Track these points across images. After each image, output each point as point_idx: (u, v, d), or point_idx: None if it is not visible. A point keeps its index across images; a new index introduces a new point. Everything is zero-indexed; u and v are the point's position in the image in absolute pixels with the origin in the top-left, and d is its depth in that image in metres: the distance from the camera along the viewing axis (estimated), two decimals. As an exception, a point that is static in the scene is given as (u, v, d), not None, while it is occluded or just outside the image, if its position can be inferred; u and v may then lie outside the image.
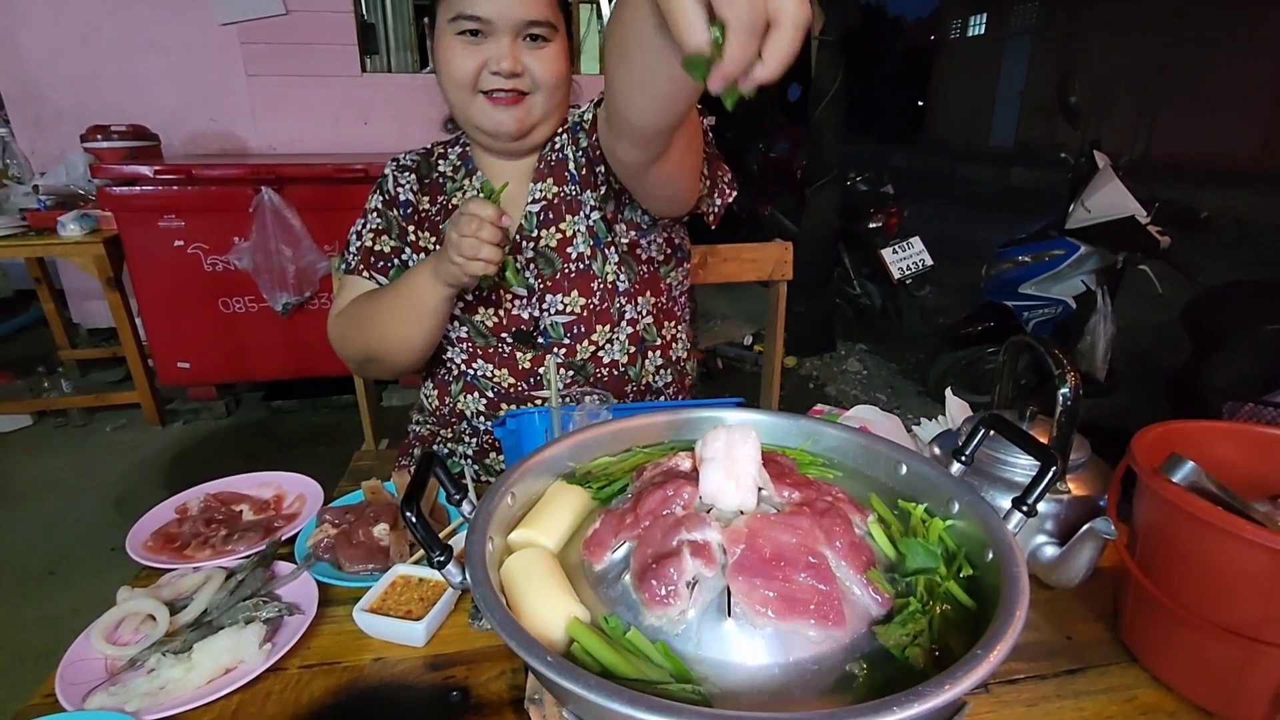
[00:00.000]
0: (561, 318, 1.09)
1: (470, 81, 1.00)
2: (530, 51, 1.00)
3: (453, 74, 1.01)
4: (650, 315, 1.15)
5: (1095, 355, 3.10)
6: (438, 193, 1.16)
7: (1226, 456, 0.74)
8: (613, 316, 1.11)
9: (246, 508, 0.98)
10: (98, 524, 2.48)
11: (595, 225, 1.09)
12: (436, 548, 0.51)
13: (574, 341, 1.10)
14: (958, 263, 4.89)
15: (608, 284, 1.10)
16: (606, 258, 1.10)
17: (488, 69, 0.99)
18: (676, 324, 1.22)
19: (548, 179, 1.11)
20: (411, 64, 4.83)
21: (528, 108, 1.03)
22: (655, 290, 1.16)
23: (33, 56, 3.57)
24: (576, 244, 1.09)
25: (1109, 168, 3.04)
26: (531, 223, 1.11)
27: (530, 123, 1.04)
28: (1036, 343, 0.81)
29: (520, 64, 0.99)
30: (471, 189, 1.15)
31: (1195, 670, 0.66)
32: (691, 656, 0.47)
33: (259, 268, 2.92)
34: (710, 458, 0.56)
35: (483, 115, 1.03)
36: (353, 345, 1.12)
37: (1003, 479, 0.80)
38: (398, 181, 1.17)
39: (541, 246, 1.10)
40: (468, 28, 0.97)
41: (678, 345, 1.22)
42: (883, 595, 0.51)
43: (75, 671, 0.68)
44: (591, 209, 1.09)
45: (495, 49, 0.98)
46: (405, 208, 1.16)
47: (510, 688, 0.67)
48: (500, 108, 1.02)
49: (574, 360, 1.11)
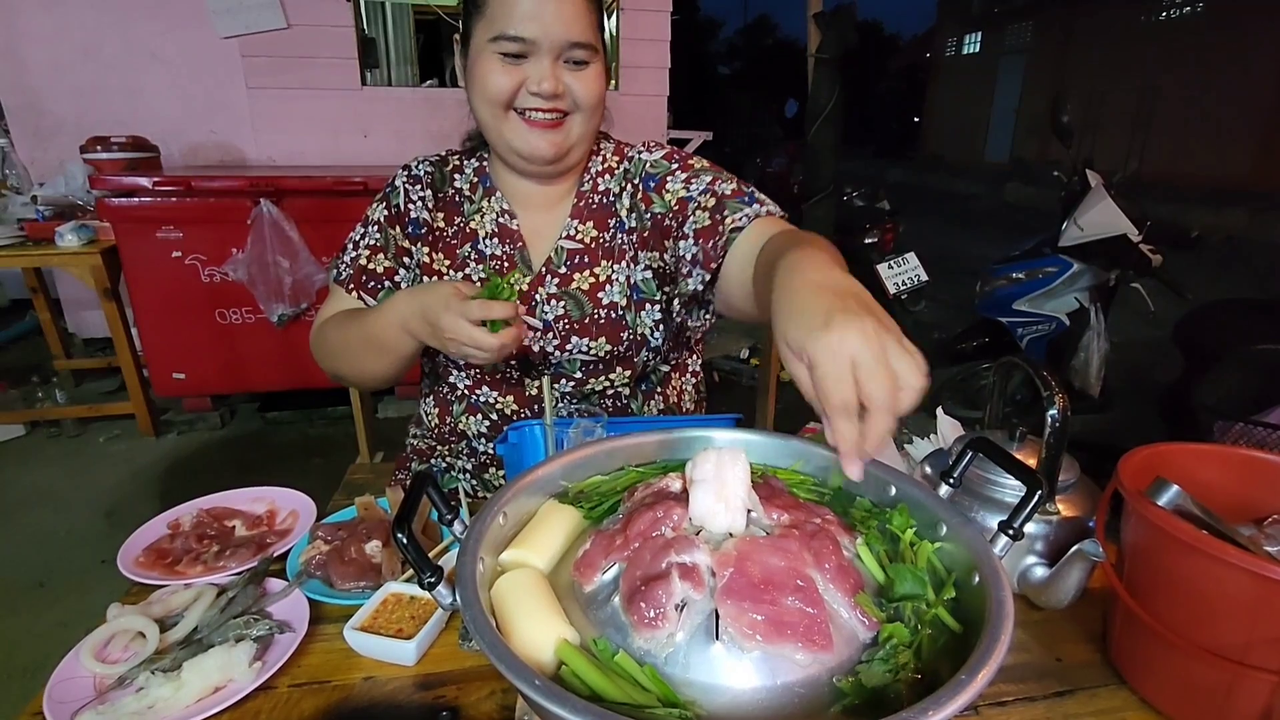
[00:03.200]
0: (584, 356, 1.07)
1: (506, 99, 0.97)
2: (571, 73, 0.97)
3: (488, 91, 0.97)
4: (670, 364, 1.17)
5: (1089, 372, 3.12)
6: (454, 213, 1.12)
7: (1212, 479, 0.75)
8: (635, 365, 1.10)
9: (239, 523, 0.98)
10: (89, 536, 2.46)
11: (643, 282, 1.08)
12: (427, 569, 0.51)
13: (588, 377, 1.09)
14: (953, 278, 4.91)
15: (637, 335, 1.08)
16: (646, 312, 1.08)
17: (526, 89, 0.96)
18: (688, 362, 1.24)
19: (588, 221, 1.09)
20: (412, 78, 4.86)
21: (566, 130, 1.00)
22: (679, 341, 1.16)
23: (34, 68, 3.59)
24: (611, 292, 1.07)
25: (1101, 186, 3.07)
26: (561, 258, 1.08)
27: (567, 146, 1.02)
28: (1026, 364, 0.82)
29: (561, 85, 0.96)
30: (491, 213, 1.11)
31: (1183, 693, 0.66)
32: (679, 679, 0.47)
33: (255, 279, 2.92)
34: (700, 479, 0.57)
35: (517, 136, 1.00)
36: (326, 360, 1.12)
37: (993, 499, 0.80)
38: (409, 196, 1.12)
39: (572, 288, 1.07)
40: (510, 50, 0.94)
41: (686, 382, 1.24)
42: (871, 619, 0.51)
43: (64, 690, 0.67)
44: (645, 267, 1.08)
45: (536, 70, 0.95)
46: (418, 226, 1.11)
47: (500, 708, 0.67)
48: (537, 131, 0.99)
49: (583, 390, 1.11)
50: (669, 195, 1.06)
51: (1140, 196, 3.19)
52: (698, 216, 1.02)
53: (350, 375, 1.11)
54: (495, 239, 1.10)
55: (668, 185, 1.06)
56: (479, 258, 1.10)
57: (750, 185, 1.06)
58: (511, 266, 1.09)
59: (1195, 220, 4.17)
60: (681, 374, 1.23)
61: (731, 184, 1.04)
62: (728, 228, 0.99)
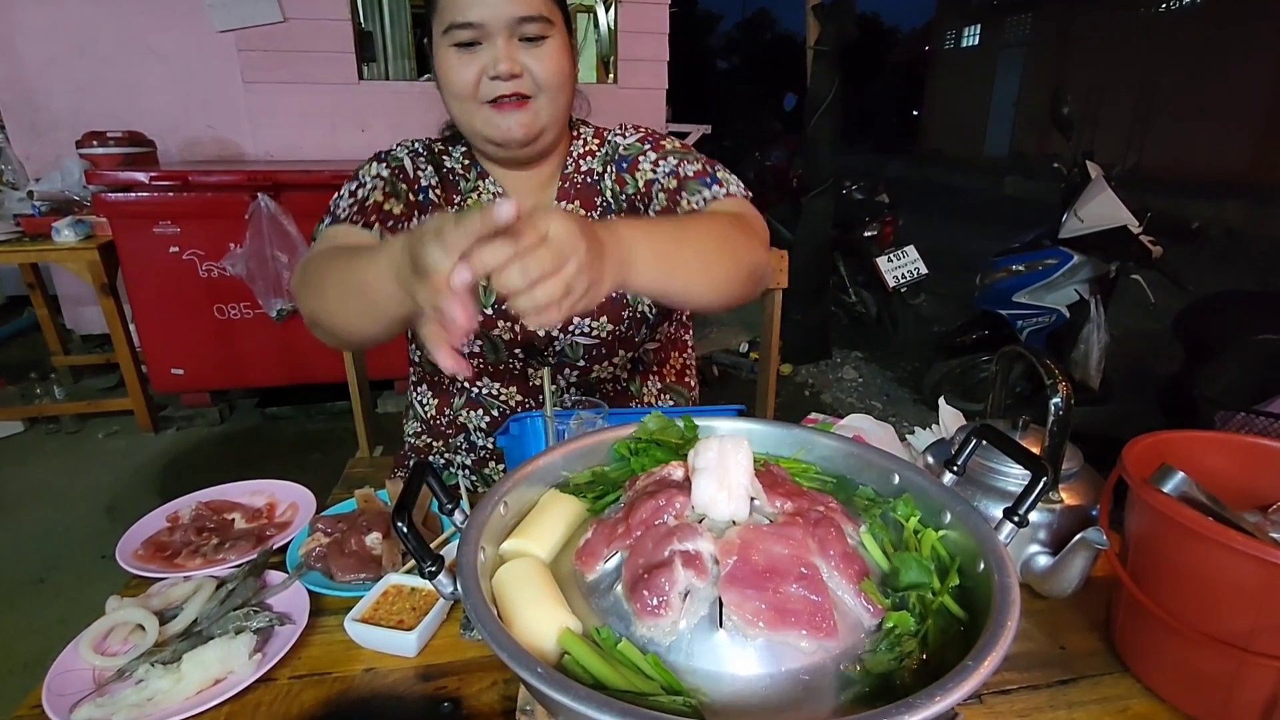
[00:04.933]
0: (585, 340, 1.07)
1: (471, 92, 0.96)
2: (528, 51, 0.95)
3: (453, 86, 0.97)
4: (659, 340, 1.17)
5: (1089, 364, 3.11)
6: (452, 191, 1.10)
7: (1217, 467, 0.74)
8: (635, 344, 1.11)
9: (238, 516, 0.97)
10: (89, 531, 2.46)
11: None
12: (428, 558, 0.50)
13: (590, 364, 1.09)
14: (952, 271, 4.91)
15: (636, 313, 1.08)
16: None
17: (486, 75, 0.95)
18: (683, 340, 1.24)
19: (575, 201, 1.09)
20: (409, 72, 4.84)
21: (534, 111, 0.98)
22: (671, 317, 1.17)
23: (30, 63, 3.57)
24: None
25: (1101, 178, 3.06)
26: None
27: (538, 127, 0.99)
28: (1028, 353, 0.82)
29: (518, 64, 0.94)
30: (487, 193, 1.09)
31: (1187, 681, 0.66)
32: (683, 667, 0.47)
33: (254, 274, 2.91)
34: (702, 468, 0.56)
35: (487, 125, 0.98)
36: (307, 300, 0.89)
37: (996, 488, 0.80)
38: (416, 165, 1.07)
39: None
40: (461, 38, 0.93)
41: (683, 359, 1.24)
42: (875, 606, 0.51)
43: (63, 682, 0.67)
44: None
45: (490, 53, 0.94)
46: (426, 196, 1.07)
47: (502, 698, 0.67)
48: (505, 113, 0.97)
49: (588, 379, 1.11)
50: (639, 176, 1.06)
51: (1140, 188, 3.19)
52: (659, 199, 1.03)
53: (328, 323, 0.87)
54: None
55: (640, 166, 1.06)
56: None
57: (718, 165, 1.05)
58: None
59: (1195, 212, 4.16)
60: (681, 351, 1.24)
61: (697, 165, 1.03)
62: (682, 209, 0.99)
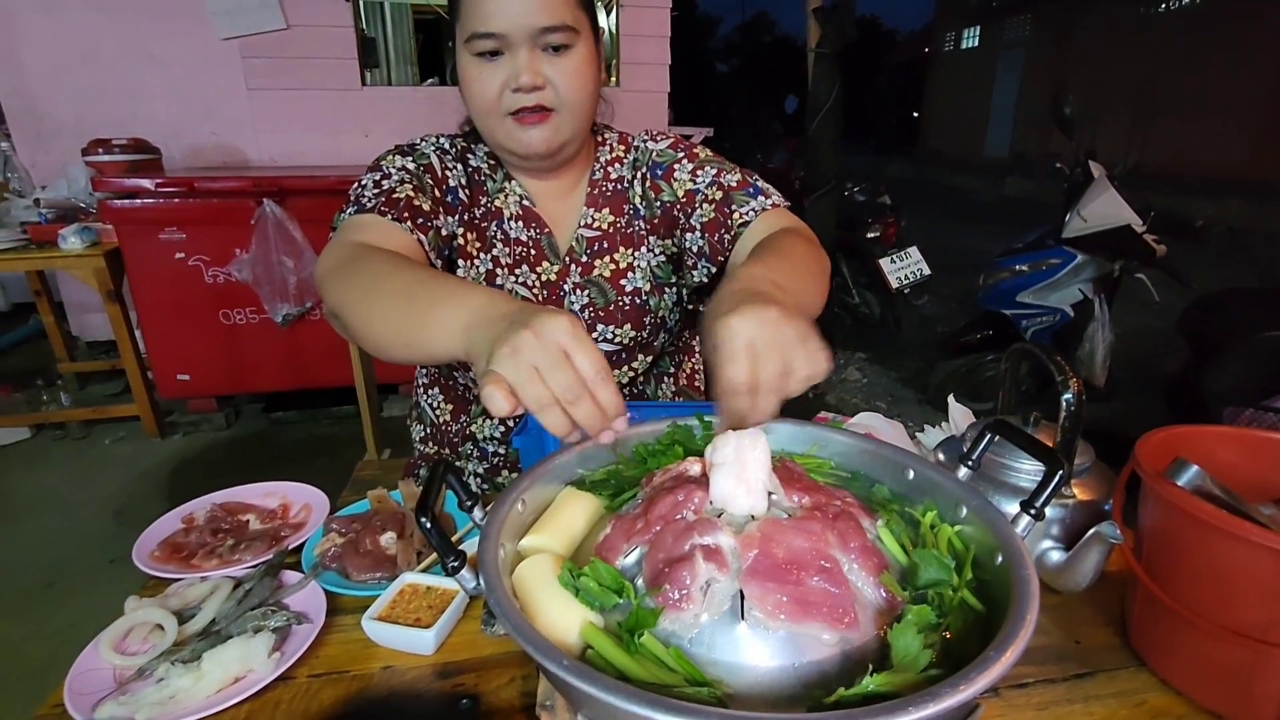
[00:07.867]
0: (608, 345, 1.08)
1: (494, 105, 0.95)
2: (552, 62, 0.93)
3: (475, 99, 0.96)
4: (678, 344, 1.20)
5: (1094, 363, 3.11)
6: (479, 190, 1.08)
7: (1229, 460, 0.75)
8: (656, 349, 1.12)
9: (253, 517, 0.98)
10: (96, 537, 2.47)
11: (659, 267, 1.10)
12: (451, 553, 0.51)
13: (612, 368, 1.10)
14: (955, 272, 4.90)
15: (658, 318, 1.10)
16: (665, 295, 1.11)
17: (508, 87, 0.93)
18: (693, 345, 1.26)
19: (604, 208, 1.09)
20: (412, 77, 4.85)
21: (555, 126, 0.97)
22: (688, 321, 1.20)
23: (34, 71, 3.59)
24: (633, 278, 1.08)
25: (1104, 177, 3.06)
26: (582, 246, 1.08)
27: (559, 141, 0.98)
28: (1038, 350, 0.82)
29: (541, 76, 0.93)
30: (513, 195, 1.07)
31: (1204, 674, 0.66)
32: (705, 659, 0.47)
33: (260, 279, 2.92)
34: (720, 463, 0.57)
35: (510, 138, 0.97)
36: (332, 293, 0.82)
37: (1008, 484, 0.80)
38: (444, 163, 1.04)
39: (595, 276, 1.08)
40: (483, 48, 0.92)
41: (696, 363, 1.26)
42: (896, 598, 0.51)
43: (84, 681, 0.67)
44: (660, 253, 1.10)
45: (513, 64, 0.92)
46: (455, 196, 1.04)
47: (521, 694, 0.67)
48: (526, 127, 0.96)
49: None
50: (677, 185, 1.06)
51: (1143, 187, 3.18)
52: (704, 210, 1.03)
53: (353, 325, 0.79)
54: (520, 222, 1.08)
55: (675, 174, 1.07)
56: (505, 239, 1.07)
57: (754, 175, 1.07)
58: (540, 255, 1.08)
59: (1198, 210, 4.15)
60: (690, 356, 1.25)
61: (736, 175, 1.05)
62: (735, 222, 0.99)
